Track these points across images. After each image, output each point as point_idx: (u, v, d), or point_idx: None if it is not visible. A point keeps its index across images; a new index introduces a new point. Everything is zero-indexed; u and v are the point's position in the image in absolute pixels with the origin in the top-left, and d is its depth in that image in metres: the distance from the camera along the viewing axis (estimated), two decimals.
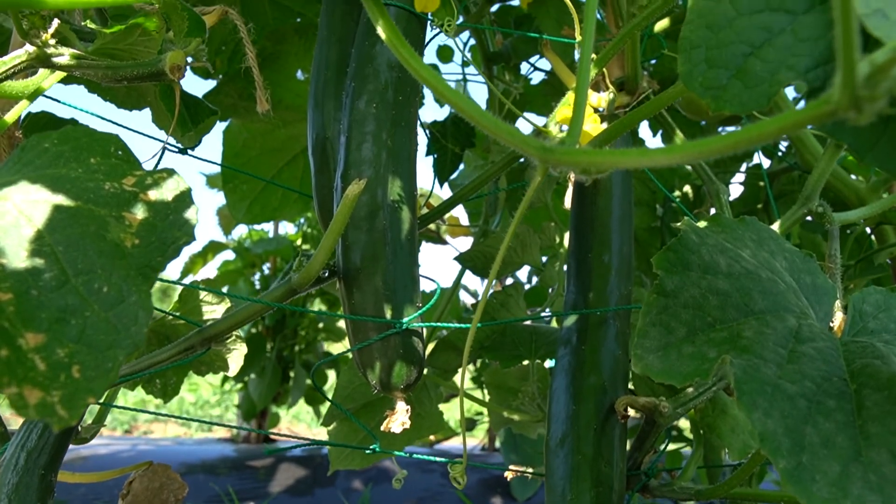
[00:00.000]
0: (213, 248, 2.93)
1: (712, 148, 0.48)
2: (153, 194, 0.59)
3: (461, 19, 1.47)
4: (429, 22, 1.03)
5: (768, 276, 0.80)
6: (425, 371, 1.29)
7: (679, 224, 0.79)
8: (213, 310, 1.24)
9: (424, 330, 0.93)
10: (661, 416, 1.01)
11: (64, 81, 1.09)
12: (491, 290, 1.77)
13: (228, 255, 3.01)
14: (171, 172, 0.61)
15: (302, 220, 3.04)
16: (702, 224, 0.82)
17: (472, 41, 1.84)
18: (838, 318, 0.91)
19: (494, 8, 1.44)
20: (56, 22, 0.81)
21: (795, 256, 0.86)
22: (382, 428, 0.91)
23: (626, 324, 1.04)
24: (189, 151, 1.07)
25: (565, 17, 1.44)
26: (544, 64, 1.69)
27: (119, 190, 0.58)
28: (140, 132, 1.04)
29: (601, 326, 1.01)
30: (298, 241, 2.95)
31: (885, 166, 0.54)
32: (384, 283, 0.88)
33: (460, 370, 1.41)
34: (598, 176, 1.06)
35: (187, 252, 3.05)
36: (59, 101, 1.07)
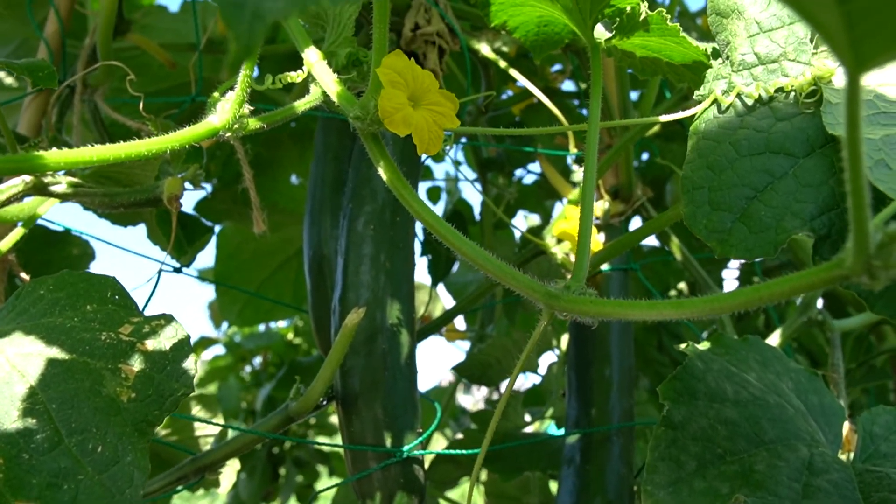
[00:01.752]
0: (203, 343, 2.89)
1: (724, 305, 0.48)
2: (150, 343, 0.58)
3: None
4: None
5: (776, 402, 0.78)
6: None
7: (683, 348, 0.78)
8: (206, 425, 1.20)
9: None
10: None
11: (60, 199, 1.09)
12: (483, 397, 1.74)
13: (219, 349, 2.98)
14: (168, 319, 0.60)
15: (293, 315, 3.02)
16: (705, 346, 0.81)
17: (464, 139, 1.87)
18: (845, 430, 0.89)
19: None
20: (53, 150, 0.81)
21: (801, 376, 0.85)
22: None
23: (629, 440, 1.02)
24: (184, 270, 1.06)
25: (557, 125, 1.47)
26: (536, 167, 1.71)
27: (115, 340, 0.57)
28: (135, 252, 1.03)
29: (605, 444, 0.99)
30: (290, 336, 2.92)
31: (894, 315, 0.54)
32: (384, 410, 0.86)
33: (461, 483, 1.37)
34: (599, 280, 1.03)
35: None
36: (52, 223, 1.06)
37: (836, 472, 0.71)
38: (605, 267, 1.16)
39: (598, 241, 1.13)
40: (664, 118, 0.74)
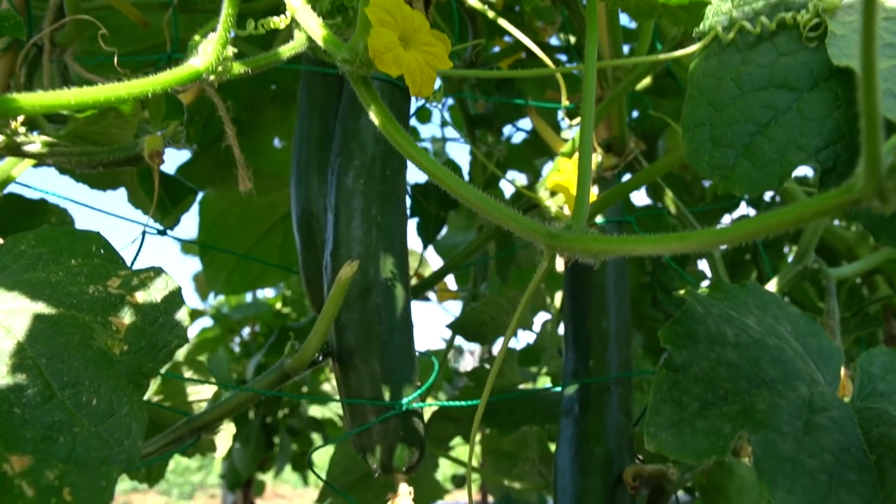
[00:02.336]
0: (191, 315, 2.87)
1: (730, 236, 0.47)
2: (140, 296, 0.56)
3: (439, 83, 1.47)
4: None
5: (776, 344, 0.78)
6: None
7: (682, 293, 0.77)
8: (198, 390, 1.19)
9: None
10: (668, 483, 0.98)
11: (35, 164, 1.06)
12: (485, 356, 1.73)
13: (206, 321, 2.96)
14: (158, 271, 0.58)
15: (281, 283, 3.00)
16: (704, 292, 0.80)
17: (451, 101, 1.84)
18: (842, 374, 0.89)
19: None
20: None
21: (799, 320, 0.84)
22: None
23: (627, 390, 1.02)
24: (168, 232, 1.04)
25: (547, 79, 1.44)
26: (526, 124, 1.69)
27: (104, 293, 0.55)
28: (116, 215, 1.00)
29: (603, 394, 0.99)
30: (278, 305, 2.90)
31: None
32: (381, 364, 0.85)
33: (453, 446, 1.37)
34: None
35: None
36: (27, 186, 1.03)
37: (836, 410, 0.71)
38: (599, 219, 1.15)
39: (592, 192, 1.11)
40: (664, 56, 0.72)
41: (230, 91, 1.63)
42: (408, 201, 1.33)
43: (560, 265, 1.29)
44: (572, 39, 1.47)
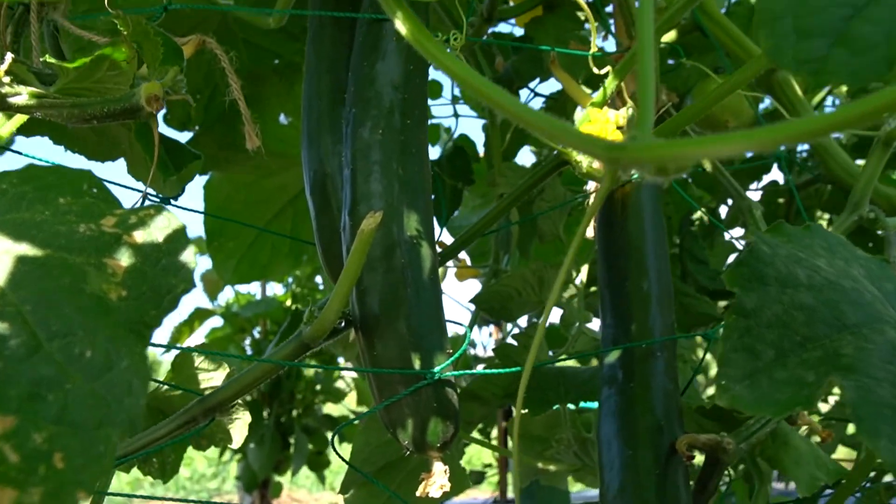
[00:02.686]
0: (200, 315, 2.79)
1: (804, 130, 0.39)
2: (140, 235, 0.48)
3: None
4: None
5: (851, 286, 0.70)
6: None
7: (746, 235, 0.69)
8: (211, 377, 1.11)
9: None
10: (724, 454, 0.89)
11: (25, 132, 0.99)
12: (510, 332, 1.66)
13: (216, 321, 2.88)
14: (159, 209, 0.50)
15: (290, 280, 2.92)
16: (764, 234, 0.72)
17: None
18: None
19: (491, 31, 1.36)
20: (9, 57, 0.70)
21: (871, 263, 0.76)
22: (419, 493, 0.78)
23: (672, 355, 0.94)
24: (172, 202, 0.96)
25: (566, 36, 1.36)
26: (544, 88, 1.61)
27: (97, 232, 0.47)
28: (115, 182, 0.93)
29: (648, 360, 0.90)
30: (288, 302, 2.83)
31: None
32: (409, 329, 0.77)
33: (487, 423, 1.29)
34: (629, 191, 0.93)
35: (173, 321, 2.92)
36: (19, 153, 0.96)
37: None
38: (634, 175, 1.07)
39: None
40: None
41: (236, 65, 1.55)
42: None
43: (590, 231, 1.21)
44: None
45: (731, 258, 1.85)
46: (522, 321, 1.85)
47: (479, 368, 2.13)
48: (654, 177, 0.51)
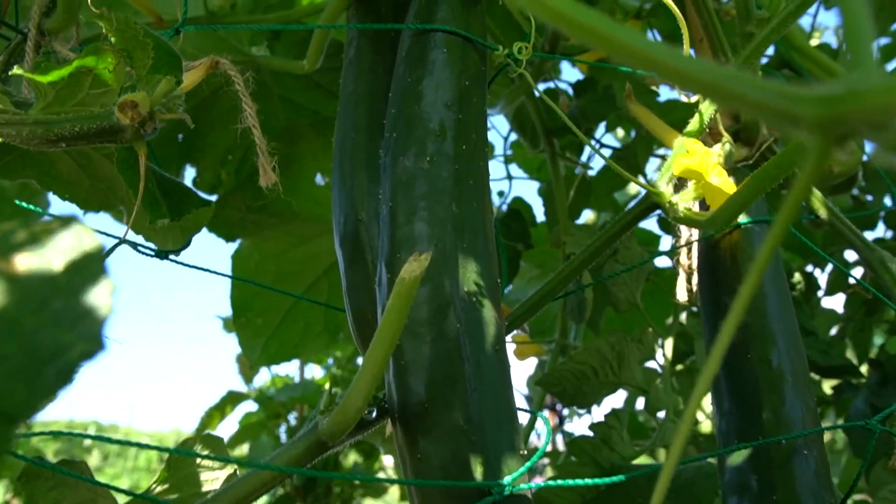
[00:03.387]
0: (232, 399, 2.59)
1: None
2: (25, 261, 0.29)
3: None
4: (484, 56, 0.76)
5: None
6: None
7: None
8: (215, 477, 0.90)
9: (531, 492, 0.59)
10: None
11: (6, 174, 0.83)
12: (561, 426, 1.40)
13: (250, 405, 2.68)
14: (66, 221, 0.31)
15: (330, 361, 2.72)
16: None
17: (514, 137, 1.59)
18: None
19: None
20: None
21: None
22: None
23: (822, 454, 0.70)
24: (172, 256, 0.78)
25: (637, 75, 1.18)
26: (609, 139, 1.42)
27: None
28: (102, 232, 0.75)
29: (793, 462, 0.67)
30: (326, 385, 2.61)
31: None
32: (467, 421, 0.55)
33: None
34: (737, 240, 0.69)
35: (203, 405, 2.70)
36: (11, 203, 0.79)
37: None
38: (742, 219, 0.86)
39: (730, 182, 0.82)
40: None
41: (265, 119, 1.40)
42: None
43: (682, 293, 0.99)
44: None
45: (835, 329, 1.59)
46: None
47: (544, 464, 1.86)
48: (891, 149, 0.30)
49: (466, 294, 0.59)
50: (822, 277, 1.61)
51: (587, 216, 1.87)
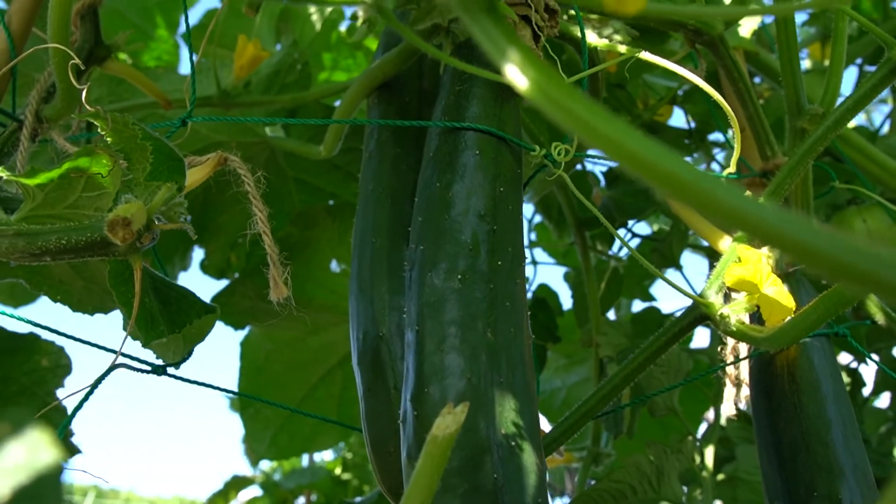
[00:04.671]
0: (236, 484, 2.47)
1: None
2: None
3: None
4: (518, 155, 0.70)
5: None
6: None
7: None
8: None
9: None
10: None
11: None
12: None
13: (255, 491, 2.55)
14: (18, 425, 0.23)
15: (341, 444, 2.61)
16: None
17: (539, 219, 1.53)
18: None
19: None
20: None
21: None
22: None
23: None
24: (172, 370, 0.70)
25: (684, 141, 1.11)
26: (640, 228, 1.35)
27: None
28: (93, 344, 0.68)
29: None
30: (337, 471, 2.49)
31: None
32: None
33: None
34: (794, 356, 0.60)
35: (205, 470, 2.58)
36: (9, 316, 0.73)
37: None
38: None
39: (785, 292, 0.74)
40: None
41: (277, 204, 1.35)
42: None
43: (728, 406, 0.90)
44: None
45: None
46: None
47: None
48: None
49: (504, 437, 0.51)
50: (865, 371, 1.51)
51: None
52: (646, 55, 0.73)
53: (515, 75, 0.29)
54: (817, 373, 0.74)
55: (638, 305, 2.10)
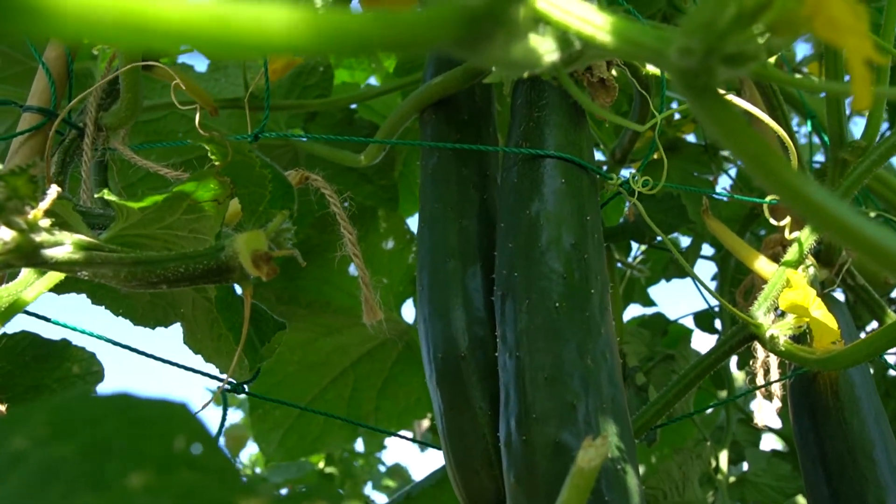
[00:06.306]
0: None
1: None
2: None
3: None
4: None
5: None
6: None
7: None
8: None
9: None
10: None
11: (55, 290, 0.76)
12: None
13: None
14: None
15: None
16: None
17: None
18: None
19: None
20: (54, 191, 0.48)
21: None
22: None
23: None
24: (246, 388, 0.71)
25: (691, 180, 1.15)
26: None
27: None
28: (178, 364, 0.69)
29: None
30: (320, 464, 2.50)
31: None
32: None
33: None
34: (836, 375, 0.63)
35: None
36: (47, 320, 0.72)
37: None
38: None
39: (829, 315, 0.78)
40: None
41: (300, 204, 1.35)
42: None
43: (762, 416, 0.94)
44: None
45: None
46: None
47: None
48: None
49: (611, 462, 0.54)
50: None
51: None
52: None
53: (750, 164, 0.31)
54: (859, 391, 0.78)
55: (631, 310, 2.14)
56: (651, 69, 0.83)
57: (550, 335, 0.57)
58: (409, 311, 1.41)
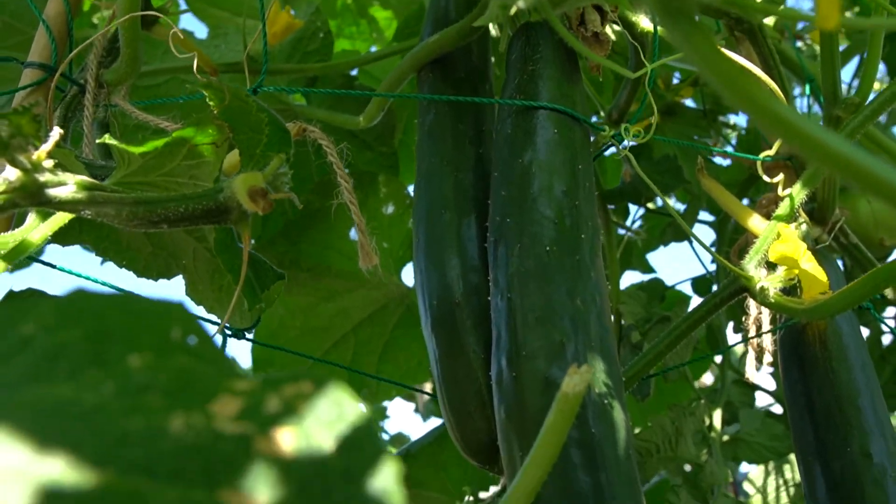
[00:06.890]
0: None
1: None
2: (290, 439, 0.24)
3: None
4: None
5: None
6: None
7: None
8: None
9: None
10: None
11: (60, 240, 0.78)
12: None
13: None
14: (320, 384, 0.27)
15: None
16: None
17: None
18: None
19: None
20: (56, 133, 0.49)
21: None
22: None
23: None
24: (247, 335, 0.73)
25: (687, 143, 1.16)
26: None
27: (206, 433, 0.24)
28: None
29: None
30: None
31: None
32: None
33: None
34: (824, 326, 0.66)
35: None
36: (53, 266, 0.74)
37: None
38: None
39: (819, 268, 0.79)
40: None
41: (301, 169, 1.36)
42: None
43: (751, 370, 0.96)
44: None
45: None
46: None
47: None
48: None
49: (598, 396, 0.56)
50: None
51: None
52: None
53: (723, 86, 0.32)
54: (846, 340, 0.80)
55: (630, 277, 2.15)
56: (645, 25, 0.83)
57: (541, 277, 0.59)
58: (409, 276, 1.42)
